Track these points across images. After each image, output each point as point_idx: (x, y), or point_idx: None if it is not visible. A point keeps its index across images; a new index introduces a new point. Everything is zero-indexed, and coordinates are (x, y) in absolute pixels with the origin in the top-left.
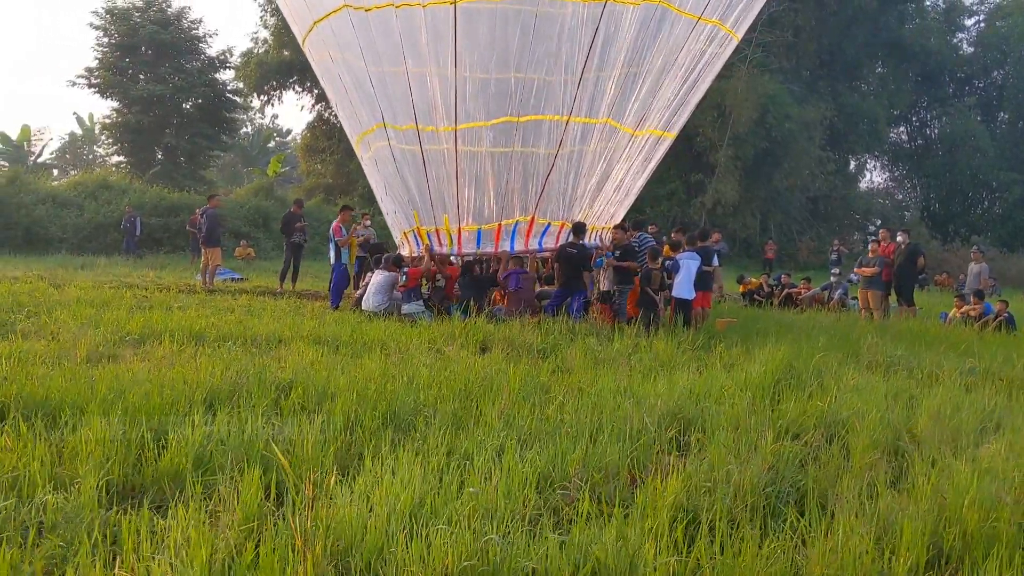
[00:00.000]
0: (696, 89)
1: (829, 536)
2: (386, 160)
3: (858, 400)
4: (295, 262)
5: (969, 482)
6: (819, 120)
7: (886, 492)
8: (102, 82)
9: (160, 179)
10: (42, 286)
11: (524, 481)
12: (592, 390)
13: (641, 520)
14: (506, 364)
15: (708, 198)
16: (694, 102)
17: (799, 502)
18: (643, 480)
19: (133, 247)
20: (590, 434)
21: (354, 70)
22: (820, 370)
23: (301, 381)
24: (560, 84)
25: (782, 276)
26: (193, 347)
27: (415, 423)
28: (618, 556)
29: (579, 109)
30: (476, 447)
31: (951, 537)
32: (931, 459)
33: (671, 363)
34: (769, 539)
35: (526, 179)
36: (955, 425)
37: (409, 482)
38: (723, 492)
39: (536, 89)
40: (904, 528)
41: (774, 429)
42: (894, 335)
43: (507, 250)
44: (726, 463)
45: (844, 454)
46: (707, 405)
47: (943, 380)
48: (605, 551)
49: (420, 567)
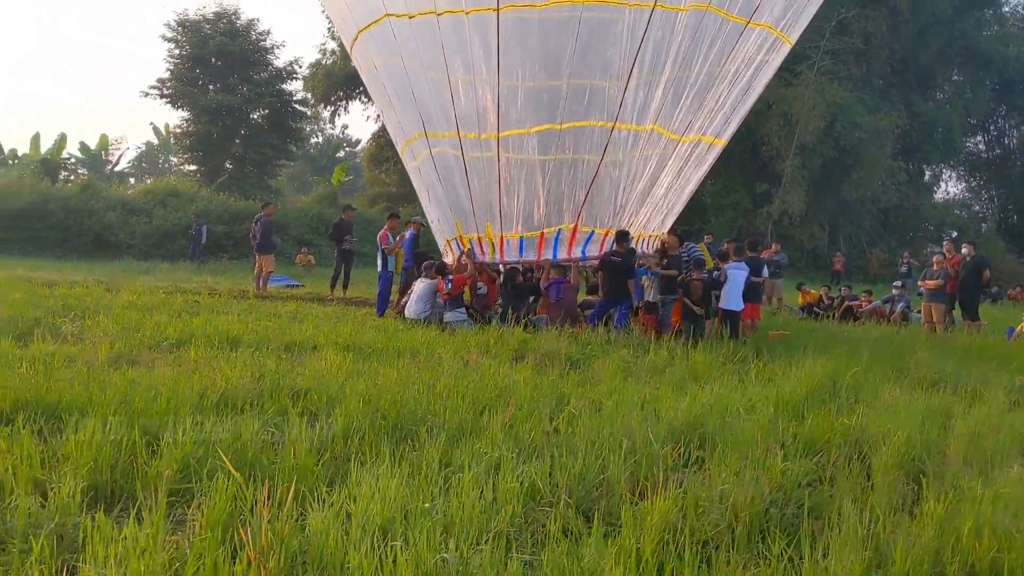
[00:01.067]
0: (748, 95)
1: (816, 562)
2: (429, 168)
3: (889, 418)
4: (346, 269)
5: (982, 509)
6: (890, 129)
7: (892, 517)
8: (173, 93)
9: (228, 188)
10: (98, 291)
11: (509, 495)
12: (609, 402)
13: (620, 540)
14: (531, 374)
15: (774, 208)
16: (746, 108)
17: (796, 525)
18: (635, 499)
19: (199, 253)
20: (596, 448)
21: (396, 78)
22: (859, 386)
23: (316, 387)
24: (605, 90)
25: (843, 288)
26: (225, 352)
27: (418, 433)
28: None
29: (625, 116)
30: (471, 459)
31: (952, 568)
32: (952, 482)
33: (705, 376)
34: (751, 564)
35: (570, 186)
36: (988, 447)
37: (386, 495)
38: (718, 512)
39: (581, 96)
40: (898, 556)
41: (793, 446)
42: (949, 350)
43: (549, 258)
44: (723, 482)
45: (865, 475)
46: (728, 420)
47: (986, 398)
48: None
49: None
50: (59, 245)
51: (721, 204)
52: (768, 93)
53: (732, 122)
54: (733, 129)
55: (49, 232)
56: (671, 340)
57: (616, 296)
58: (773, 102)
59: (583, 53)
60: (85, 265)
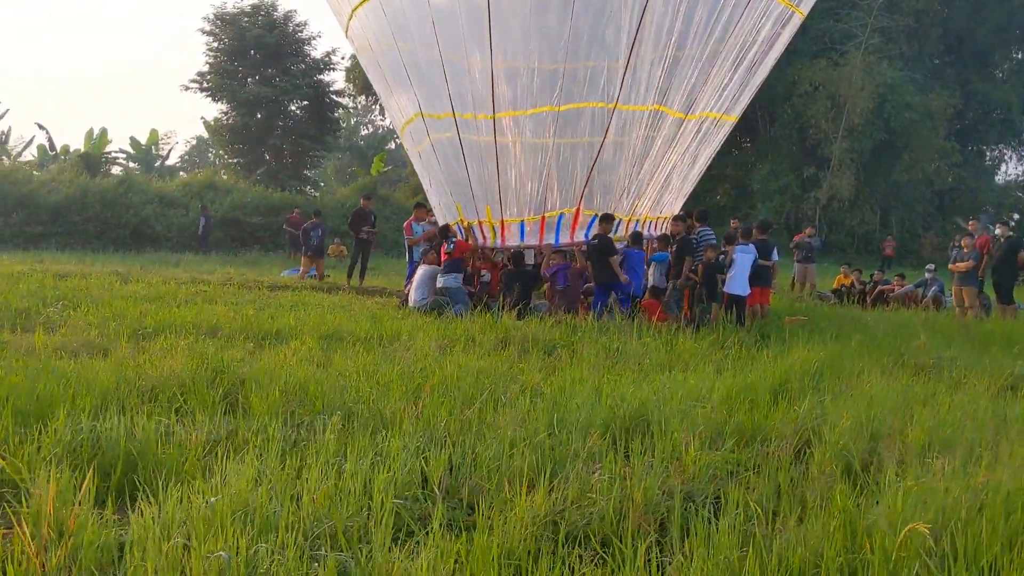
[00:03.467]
0: (757, 71)
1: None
2: (427, 151)
3: (852, 406)
4: (363, 258)
5: (895, 505)
6: (943, 109)
7: (787, 516)
8: (213, 86)
9: (266, 179)
10: (111, 281)
11: (383, 487)
12: (550, 389)
13: (476, 537)
14: (491, 362)
15: (823, 193)
16: (755, 84)
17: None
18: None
19: (205, 244)
20: (510, 438)
21: (391, 57)
22: (846, 372)
23: (259, 377)
24: (604, 70)
25: (875, 273)
26: (193, 341)
27: (329, 422)
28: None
29: (626, 96)
30: (364, 448)
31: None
32: (889, 474)
33: (684, 363)
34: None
35: (571, 169)
36: (947, 436)
37: (237, 487)
38: (604, 506)
39: (579, 76)
40: (773, 557)
41: (733, 436)
42: (965, 336)
43: (551, 243)
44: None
45: (804, 466)
46: (677, 409)
47: (969, 384)
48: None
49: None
50: (97, 238)
51: (769, 189)
52: (814, 74)
53: (742, 98)
54: (744, 105)
55: (87, 225)
56: (671, 327)
57: (602, 279)
58: (820, 84)
59: (579, 31)
60: (119, 258)
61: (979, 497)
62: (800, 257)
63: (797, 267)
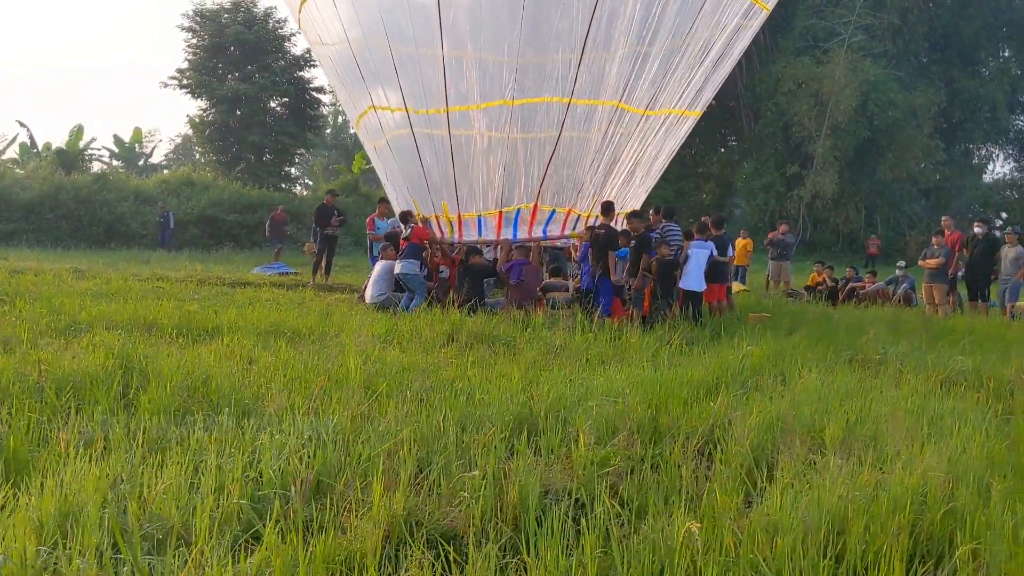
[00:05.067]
0: (720, 65)
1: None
2: (382, 145)
3: (776, 402)
4: (328, 254)
5: (774, 505)
6: (928, 107)
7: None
8: (192, 82)
9: (246, 176)
10: (66, 278)
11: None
12: (460, 385)
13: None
14: (429, 357)
15: (806, 191)
16: (719, 78)
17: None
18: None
19: (168, 240)
20: (396, 434)
21: (340, 50)
22: (785, 367)
23: (163, 372)
24: (557, 64)
25: (848, 270)
26: (124, 337)
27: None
28: None
29: (581, 91)
30: (244, 445)
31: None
32: (784, 473)
33: (620, 358)
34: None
35: (526, 165)
36: (865, 433)
37: (72, 487)
38: (465, 506)
39: (532, 70)
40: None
41: (643, 433)
42: (924, 331)
43: (509, 238)
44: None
45: (707, 463)
46: (590, 404)
47: (905, 380)
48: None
49: None
50: (71, 236)
51: (752, 187)
52: (798, 72)
53: (704, 92)
54: (707, 100)
55: (60, 223)
56: (624, 323)
57: (604, 270)
58: (803, 81)
59: (530, 24)
60: (89, 255)
61: (865, 497)
62: (774, 255)
63: (771, 264)
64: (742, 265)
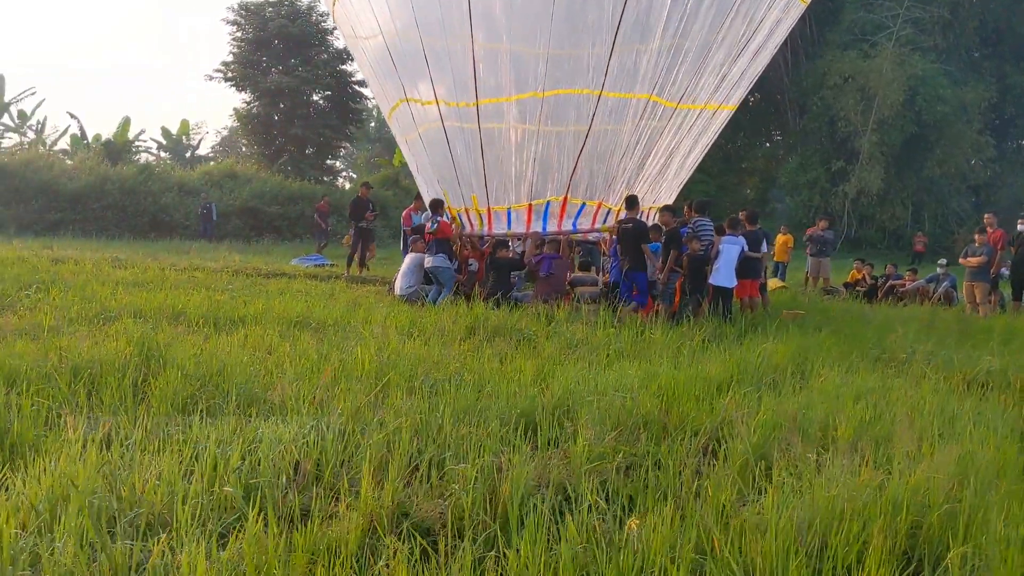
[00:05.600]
0: (756, 59)
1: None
2: (414, 138)
3: (791, 400)
4: (363, 247)
5: (767, 504)
6: (978, 103)
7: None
8: (236, 76)
9: (288, 169)
10: (105, 267)
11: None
12: (471, 379)
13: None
14: (450, 350)
15: (851, 187)
16: (755, 72)
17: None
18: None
19: (211, 232)
20: (401, 425)
21: (373, 43)
22: (809, 365)
23: (179, 360)
24: (588, 56)
25: (887, 267)
26: (153, 326)
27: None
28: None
29: (612, 83)
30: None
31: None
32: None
33: (642, 354)
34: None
35: (557, 157)
36: (877, 433)
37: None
38: (453, 499)
39: (563, 62)
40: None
41: (650, 429)
42: (953, 331)
43: (538, 231)
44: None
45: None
46: (600, 399)
47: (929, 379)
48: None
49: None
50: (116, 226)
51: (797, 183)
52: (844, 66)
53: (740, 87)
54: (742, 94)
55: (106, 213)
56: (651, 319)
57: (633, 264)
58: (850, 76)
59: (562, 15)
60: (133, 245)
61: (862, 497)
62: (813, 251)
63: (811, 261)
64: (782, 262)
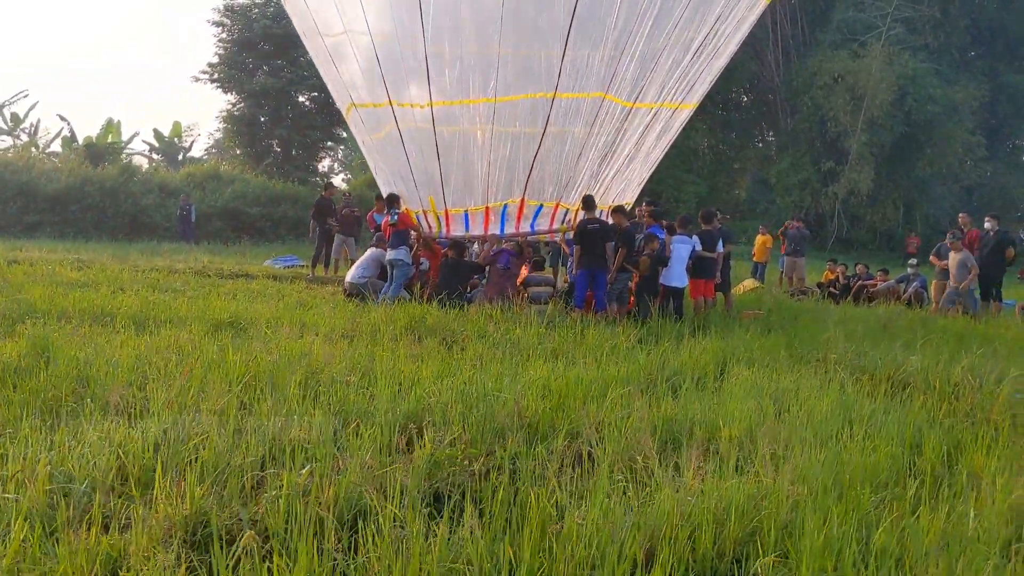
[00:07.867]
0: (715, 58)
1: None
2: (371, 140)
3: (674, 403)
4: (327, 248)
5: (592, 510)
6: (969, 102)
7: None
8: (222, 77)
9: (273, 170)
10: (63, 269)
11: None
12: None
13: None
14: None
15: (841, 187)
16: (715, 70)
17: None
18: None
19: (191, 233)
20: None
21: (328, 42)
22: (725, 366)
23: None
24: (541, 57)
25: (858, 267)
26: (76, 326)
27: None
28: None
29: (566, 84)
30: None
31: None
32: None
33: (568, 354)
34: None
35: (512, 159)
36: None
37: None
38: (265, 506)
39: (514, 63)
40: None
41: (527, 431)
42: (903, 331)
43: (497, 233)
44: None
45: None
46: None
47: (836, 380)
48: None
49: None
50: (95, 228)
51: (787, 184)
52: (834, 65)
53: (699, 85)
54: (702, 93)
55: (85, 214)
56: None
57: (593, 264)
58: (840, 75)
59: (514, 17)
60: (106, 247)
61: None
62: (789, 250)
63: (786, 260)
64: (761, 262)
